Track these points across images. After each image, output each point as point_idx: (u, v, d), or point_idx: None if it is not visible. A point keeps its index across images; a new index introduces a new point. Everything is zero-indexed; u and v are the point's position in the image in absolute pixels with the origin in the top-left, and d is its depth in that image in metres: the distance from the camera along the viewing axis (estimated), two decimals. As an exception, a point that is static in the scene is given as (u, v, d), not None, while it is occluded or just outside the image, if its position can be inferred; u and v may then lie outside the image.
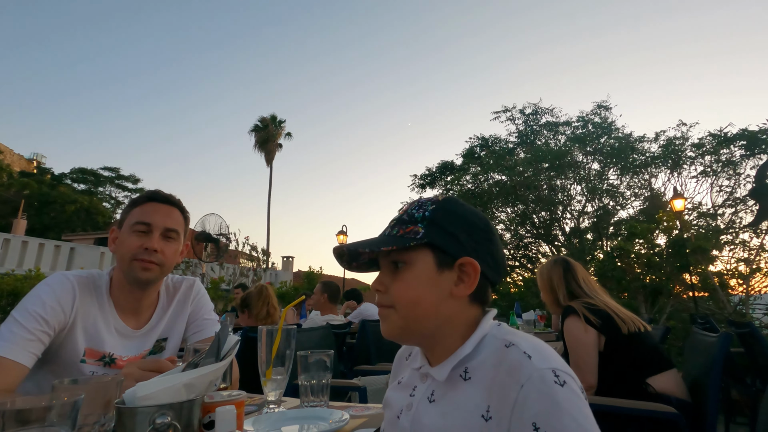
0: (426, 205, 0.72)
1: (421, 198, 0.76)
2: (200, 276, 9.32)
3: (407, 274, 0.69)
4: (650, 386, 1.68)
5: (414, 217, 0.71)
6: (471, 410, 0.62)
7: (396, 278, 0.70)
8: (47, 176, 32.96)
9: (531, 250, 11.83)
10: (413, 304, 0.68)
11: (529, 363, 0.59)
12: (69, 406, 0.61)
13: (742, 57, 37.21)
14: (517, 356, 0.61)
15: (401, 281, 0.69)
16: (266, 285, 3.17)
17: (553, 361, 0.59)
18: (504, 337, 0.66)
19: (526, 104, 12.06)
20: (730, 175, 9.31)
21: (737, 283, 6.99)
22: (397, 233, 0.70)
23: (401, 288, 0.69)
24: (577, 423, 0.54)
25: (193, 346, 1.07)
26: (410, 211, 0.73)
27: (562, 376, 0.57)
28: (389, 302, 0.70)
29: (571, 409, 0.55)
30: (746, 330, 2.83)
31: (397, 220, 0.73)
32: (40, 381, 1.19)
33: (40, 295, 1.15)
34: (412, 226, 0.70)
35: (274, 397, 1.09)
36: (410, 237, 0.69)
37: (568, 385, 0.57)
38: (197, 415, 0.70)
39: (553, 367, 0.58)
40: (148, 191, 1.33)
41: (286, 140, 27.52)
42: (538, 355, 0.60)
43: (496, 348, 0.65)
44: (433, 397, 0.68)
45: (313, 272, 15.42)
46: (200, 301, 1.44)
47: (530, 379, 0.57)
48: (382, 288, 0.71)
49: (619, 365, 1.74)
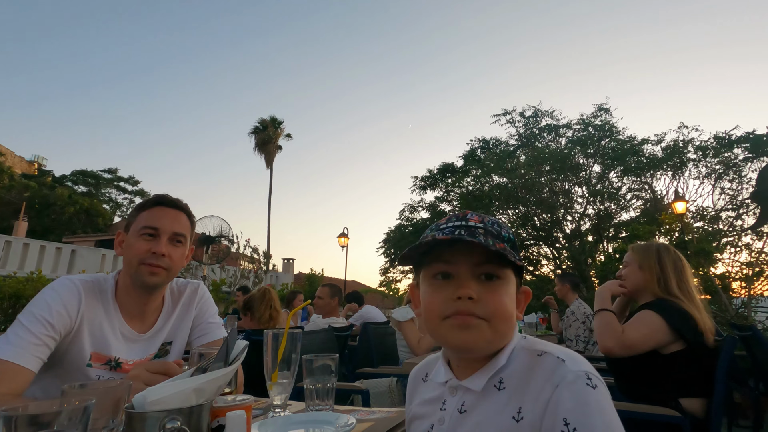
0: (505, 226, 0.74)
1: (488, 216, 0.74)
2: (201, 278, 9.32)
3: (502, 288, 0.69)
4: (680, 405, 1.60)
5: (501, 235, 0.71)
6: (503, 415, 0.64)
7: (491, 290, 0.68)
8: (48, 178, 32.99)
9: (532, 252, 11.84)
10: (506, 320, 0.68)
11: (564, 366, 0.62)
12: (80, 411, 0.61)
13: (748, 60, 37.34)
14: (551, 362, 0.64)
15: (498, 294, 0.68)
16: (269, 288, 3.18)
17: (585, 365, 0.63)
18: (534, 347, 0.69)
19: (525, 107, 12.10)
20: (733, 178, 9.32)
21: (740, 285, 6.98)
22: (493, 245, 0.67)
23: (498, 301, 0.68)
24: (605, 423, 0.58)
25: (198, 350, 1.07)
26: (491, 226, 0.71)
27: (594, 379, 0.61)
28: (483, 314, 0.67)
29: (600, 409, 0.59)
30: (749, 333, 2.82)
31: (486, 230, 0.70)
32: (47, 385, 1.19)
33: (47, 299, 1.15)
34: (503, 243, 0.69)
35: (279, 401, 1.09)
36: (509, 254, 0.67)
37: (599, 389, 0.60)
38: (206, 419, 0.70)
39: (585, 370, 0.62)
40: (155, 195, 1.34)
41: (286, 142, 27.56)
42: (571, 359, 0.64)
43: (527, 357, 0.68)
44: (464, 408, 0.69)
45: (315, 274, 15.43)
46: (205, 305, 1.45)
47: (564, 379, 0.61)
48: (476, 296, 0.67)
49: (678, 376, 1.65)
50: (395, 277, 14.65)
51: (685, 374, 1.64)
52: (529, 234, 11.62)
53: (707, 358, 1.64)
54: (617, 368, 1.82)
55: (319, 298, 3.99)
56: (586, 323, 3.77)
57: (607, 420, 0.58)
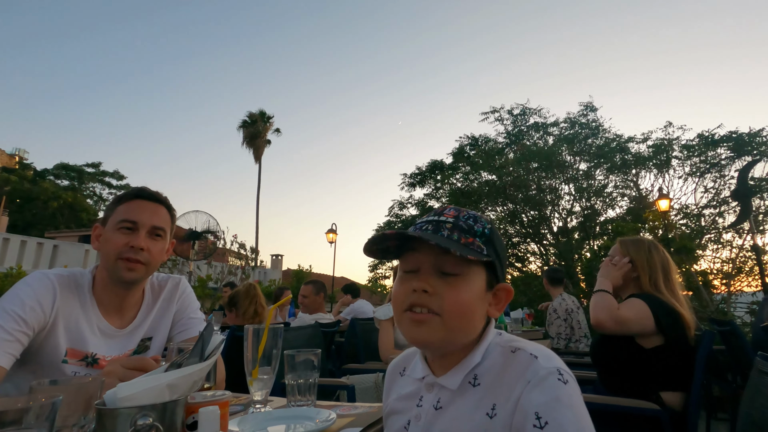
0: (481, 221, 0.72)
1: (467, 210, 0.74)
2: (187, 274, 9.21)
3: (462, 284, 0.68)
4: (660, 398, 1.64)
5: (473, 230, 0.70)
6: (477, 412, 0.65)
7: (449, 285, 0.67)
8: (29, 172, 32.24)
9: (519, 248, 11.94)
10: (463, 317, 0.67)
11: (536, 362, 0.64)
12: (47, 408, 0.60)
13: (733, 59, 38.04)
14: (524, 358, 0.65)
15: (455, 290, 0.67)
16: (254, 284, 3.14)
17: (557, 362, 0.64)
18: (509, 344, 0.69)
19: (513, 105, 12.16)
20: (716, 176, 9.50)
21: (720, 282, 7.14)
22: (458, 240, 0.67)
23: (454, 297, 0.67)
24: (575, 417, 0.59)
25: (178, 345, 1.05)
26: (465, 220, 0.71)
27: (565, 375, 0.62)
28: (437, 308, 0.67)
29: (571, 404, 0.60)
30: (728, 328, 2.89)
31: (453, 225, 0.70)
32: (20, 382, 1.16)
33: (19, 294, 1.12)
34: (472, 238, 0.69)
35: (260, 396, 1.08)
36: (475, 250, 0.67)
37: (570, 384, 0.62)
38: (180, 416, 0.69)
39: (557, 366, 0.63)
40: (134, 188, 1.31)
41: (275, 137, 27.37)
42: (544, 356, 0.65)
43: (501, 354, 0.68)
44: (439, 405, 0.70)
45: (303, 270, 15.36)
46: (186, 300, 1.42)
47: (536, 374, 0.62)
48: (431, 290, 0.67)
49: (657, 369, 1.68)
50: (384, 274, 14.67)
51: (666, 368, 1.67)
52: (517, 231, 11.71)
53: (688, 353, 1.68)
54: (601, 362, 1.85)
55: (304, 296, 3.93)
56: (568, 320, 3.81)
57: (577, 414, 0.59)
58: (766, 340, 2.67)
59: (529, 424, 0.59)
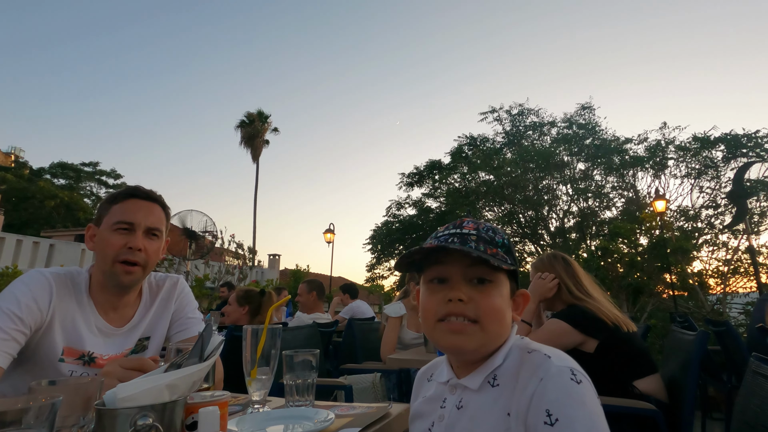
0: (499, 232, 0.76)
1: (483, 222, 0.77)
2: (184, 274, 9.19)
3: (494, 291, 0.71)
4: (636, 388, 1.70)
5: (495, 241, 0.73)
6: (497, 411, 0.67)
7: (482, 293, 0.70)
8: (25, 171, 32.05)
9: (517, 248, 11.96)
10: (497, 321, 0.70)
11: (549, 361, 0.65)
12: (46, 408, 0.60)
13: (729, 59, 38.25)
14: (538, 358, 0.67)
15: (489, 297, 0.70)
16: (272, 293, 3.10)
17: (570, 362, 0.66)
18: (527, 346, 0.71)
19: (512, 104, 12.20)
20: (711, 177, 9.55)
21: (716, 282, 7.19)
22: (484, 251, 0.70)
23: (489, 303, 0.70)
24: (586, 415, 0.59)
25: (176, 345, 1.05)
26: (486, 232, 0.73)
27: (578, 375, 0.63)
28: (473, 315, 0.69)
29: (583, 402, 0.61)
30: (723, 328, 2.91)
31: (478, 237, 0.72)
32: (16, 382, 1.16)
33: (15, 293, 1.12)
34: (496, 249, 0.72)
35: (258, 397, 1.08)
36: (502, 259, 0.71)
37: (583, 384, 0.63)
38: (180, 416, 0.69)
39: (570, 366, 0.64)
40: (128, 187, 1.30)
41: (273, 136, 27.31)
42: (557, 356, 0.66)
43: (519, 355, 0.70)
44: (461, 404, 0.72)
45: (300, 270, 15.33)
46: (184, 300, 1.42)
47: (548, 373, 0.63)
48: (466, 298, 0.70)
49: (610, 367, 1.74)
50: (382, 274, 14.67)
51: (622, 361, 1.74)
52: (515, 231, 11.74)
53: (630, 338, 1.76)
54: None
55: (299, 295, 3.98)
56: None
57: (588, 412, 0.60)
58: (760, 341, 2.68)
59: (541, 421, 0.60)
